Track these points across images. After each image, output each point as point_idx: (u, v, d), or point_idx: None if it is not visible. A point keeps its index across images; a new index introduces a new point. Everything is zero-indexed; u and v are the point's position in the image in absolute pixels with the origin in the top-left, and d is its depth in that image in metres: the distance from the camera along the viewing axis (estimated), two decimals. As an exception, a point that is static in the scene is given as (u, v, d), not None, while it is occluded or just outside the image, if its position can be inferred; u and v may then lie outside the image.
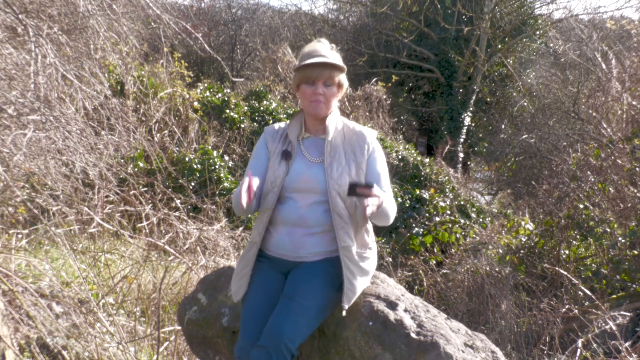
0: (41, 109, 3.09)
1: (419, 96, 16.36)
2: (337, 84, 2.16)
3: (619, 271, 4.66)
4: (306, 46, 2.21)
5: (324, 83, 2.12)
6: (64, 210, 4.02)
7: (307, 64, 2.10)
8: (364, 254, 2.15)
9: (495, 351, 2.12)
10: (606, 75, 8.16)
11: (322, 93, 2.12)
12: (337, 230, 2.08)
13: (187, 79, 8.52)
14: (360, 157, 2.15)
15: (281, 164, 2.16)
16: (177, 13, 13.44)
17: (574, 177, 5.43)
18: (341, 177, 2.10)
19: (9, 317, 2.94)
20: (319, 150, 2.18)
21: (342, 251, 2.07)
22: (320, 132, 2.22)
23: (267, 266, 2.18)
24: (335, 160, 2.13)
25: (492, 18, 13.65)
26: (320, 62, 2.09)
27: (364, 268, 2.15)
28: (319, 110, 2.14)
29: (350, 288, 2.07)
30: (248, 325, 2.03)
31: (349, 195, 1.93)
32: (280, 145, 2.21)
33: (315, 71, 2.10)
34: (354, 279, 2.08)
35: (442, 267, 5.79)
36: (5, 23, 3.56)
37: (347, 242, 2.08)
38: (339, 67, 2.13)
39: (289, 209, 2.13)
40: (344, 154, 2.15)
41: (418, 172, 8.49)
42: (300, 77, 2.14)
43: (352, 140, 2.19)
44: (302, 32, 15.34)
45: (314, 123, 2.21)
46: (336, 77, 2.14)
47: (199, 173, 6.27)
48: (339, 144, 2.17)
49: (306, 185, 2.12)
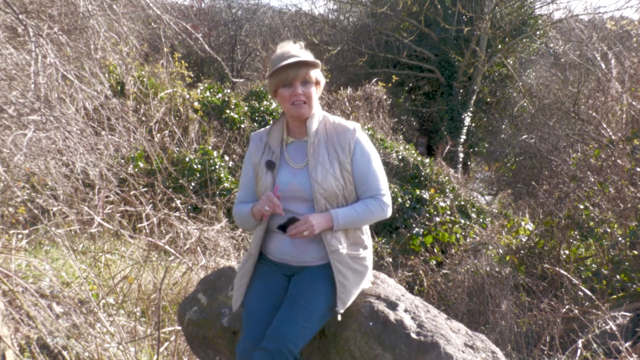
0: (41, 109, 3.09)
1: (419, 96, 16.36)
2: (314, 81, 2.11)
3: (619, 271, 4.66)
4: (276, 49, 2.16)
5: (301, 82, 2.08)
6: (64, 210, 4.02)
7: (281, 67, 2.06)
8: (358, 255, 2.13)
9: (495, 351, 2.12)
10: (606, 76, 8.16)
11: (302, 93, 2.08)
12: (323, 234, 2.06)
13: (187, 79, 8.52)
14: (342, 156, 2.11)
15: (267, 175, 2.13)
16: (177, 13, 13.44)
17: (573, 177, 5.43)
18: (325, 180, 2.06)
19: (9, 317, 2.94)
20: (303, 154, 2.14)
21: (331, 255, 2.06)
22: (304, 134, 2.17)
23: (269, 269, 2.17)
24: (318, 163, 2.09)
25: (492, 18, 13.64)
26: (293, 61, 2.05)
27: (358, 269, 2.12)
28: (302, 111, 2.10)
29: (343, 291, 2.05)
30: (250, 327, 2.03)
31: (285, 233, 2.08)
32: (264, 155, 2.17)
33: (291, 72, 2.06)
34: (346, 281, 2.06)
35: (442, 267, 5.79)
36: (5, 23, 3.55)
37: (335, 245, 2.07)
38: (313, 63, 2.08)
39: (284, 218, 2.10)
40: (327, 154, 2.11)
41: (418, 172, 8.49)
42: (277, 81, 2.09)
43: (334, 138, 2.14)
44: (302, 32, 15.33)
45: (297, 125, 2.17)
46: (312, 74, 2.10)
47: (199, 173, 6.27)
48: (321, 144, 2.12)
49: (296, 194, 2.09)
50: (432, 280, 5.40)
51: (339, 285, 2.05)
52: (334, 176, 2.08)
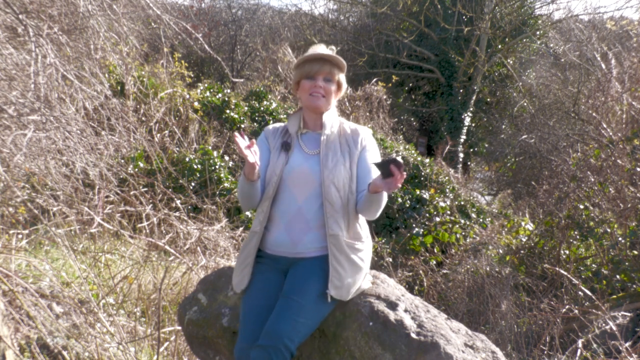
0: (41, 109, 3.09)
1: (419, 96, 16.36)
2: (336, 81, 2.21)
3: (619, 271, 4.66)
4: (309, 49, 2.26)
5: (323, 78, 2.18)
6: (64, 210, 4.02)
7: (308, 58, 2.17)
8: (355, 245, 2.14)
9: (495, 351, 2.12)
10: (606, 76, 8.16)
11: (322, 86, 2.17)
12: (326, 218, 2.10)
13: (187, 79, 8.52)
14: (353, 149, 2.19)
15: (280, 155, 2.19)
16: (177, 13, 13.44)
17: (573, 177, 5.43)
18: (335, 167, 2.13)
19: (9, 317, 2.94)
20: (316, 144, 2.22)
21: (330, 239, 2.09)
22: (317, 128, 2.26)
23: (266, 266, 2.18)
24: (330, 151, 2.17)
25: (492, 18, 13.64)
26: (320, 55, 2.16)
27: (354, 259, 2.12)
28: (319, 103, 2.18)
29: (336, 276, 2.06)
30: (247, 326, 2.03)
31: (383, 175, 1.87)
32: (279, 140, 2.25)
33: (315, 65, 2.16)
34: (340, 267, 2.07)
35: (442, 267, 5.79)
36: (5, 23, 3.55)
37: (335, 230, 2.09)
38: (339, 63, 2.18)
39: (287, 203, 2.15)
40: (339, 146, 2.20)
41: (418, 172, 8.49)
42: (300, 72, 2.20)
43: (347, 135, 2.24)
44: (302, 32, 15.33)
45: (312, 118, 2.25)
46: (336, 74, 2.20)
47: (199, 173, 6.27)
48: (334, 138, 2.22)
49: (303, 177, 2.14)
50: (432, 280, 5.40)
51: (332, 269, 2.06)
52: (344, 166, 2.15)
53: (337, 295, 2.06)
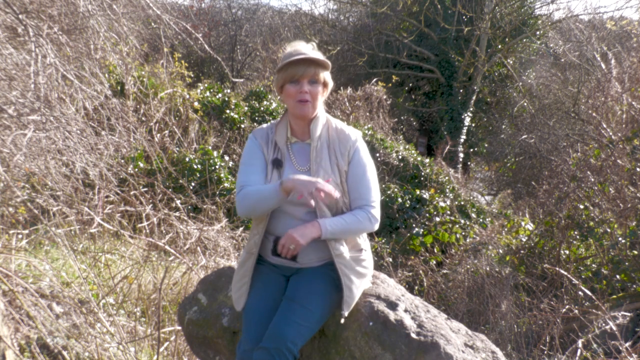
0: (41, 109, 3.09)
1: (419, 96, 16.35)
2: (322, 81, 2.10)
3: (619, 271, 4.66)
4: (287, 46, 2.15)
5: (308, 81, 2.06)
6: (64, 210, 4.02)
7: (291, 62, 2.04)
8: (359, 257, 2.15)
9: (495, 351, 2.12)
10: (605, 76, 8.16)
11: (308, 91, 2.06)
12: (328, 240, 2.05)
13: (187, 79, 8.52)
14: (342, 162, 2.10)
15: (273, 174, 2.11)
16: (177, 13, 13.44)
17: (573, 177, 5.43)
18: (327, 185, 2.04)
19: (9, 317, 2.94)
20: (306, 157, 2.13)
21: (337, 259, 2.06)
22: (306, 136, 2.16)
23: (268, 269, 2.18)
24: (320, 168, 2.09)
25: (492, 18, 13.64)
26: (304, 57, 2.03)
27: (360, 271, 2.14)
28: (306, 111, 2.08)
29: (349, 294, 2.07)
30: (250, 327, 2.03)
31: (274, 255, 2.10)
32: (271, 152, 2.15)
33: (300, 68, 2.04)
34: (351, 284, 2.08)
35: (442, 267, 5.79)
36: (5, 23, 3.55)
37: (339, 249, 2.07)
38: (323, 63, 2.07)
39: (283, 223, 2.10)
40: (329, 159, 2.10)
41: (418, 172, 8.49)
42: (284, 76, 2.08)
43: (335, 143, 2.13)
44: (302, 32, 15.32)
45: (299, 125, 2.15)
46: (321, 74, 2.08)
47: (199, 173, 6.27)
48: (323, 149, 2.12)
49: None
50: (432, 280, 5.40)
51: (346, 289, 2.06)
52: (335, 182, 2.07)
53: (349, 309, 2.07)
